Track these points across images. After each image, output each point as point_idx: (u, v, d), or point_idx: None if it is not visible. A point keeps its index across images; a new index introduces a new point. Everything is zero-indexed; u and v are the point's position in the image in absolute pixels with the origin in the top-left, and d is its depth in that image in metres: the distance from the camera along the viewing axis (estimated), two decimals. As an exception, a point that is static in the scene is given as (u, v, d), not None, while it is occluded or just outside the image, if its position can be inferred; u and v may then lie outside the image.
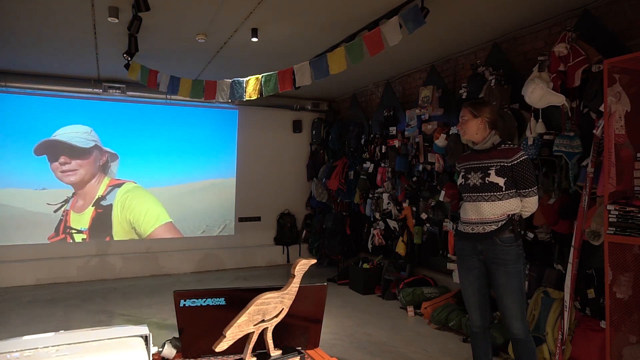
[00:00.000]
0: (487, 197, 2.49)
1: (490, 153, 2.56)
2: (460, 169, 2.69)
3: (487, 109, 2.59)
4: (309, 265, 1.58)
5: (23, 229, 5.96)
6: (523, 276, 2.53)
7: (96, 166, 6.37)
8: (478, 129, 2.58)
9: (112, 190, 6.50)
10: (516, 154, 2.49)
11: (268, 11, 3.64)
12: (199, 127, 6.92)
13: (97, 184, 6.40)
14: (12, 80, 5.58)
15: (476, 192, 2.54)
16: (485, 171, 2.52)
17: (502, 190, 2.47)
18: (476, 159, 2.60)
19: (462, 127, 2.63)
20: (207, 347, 1.49)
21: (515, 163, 2.47)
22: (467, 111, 2.60)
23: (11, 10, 3.64)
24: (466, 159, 2.68)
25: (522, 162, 2.47)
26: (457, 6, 3.55)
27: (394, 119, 5.61)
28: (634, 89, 2.80)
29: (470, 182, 2.57)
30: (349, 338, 3.91)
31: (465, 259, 2.63)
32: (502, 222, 2.48)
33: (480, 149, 2.61)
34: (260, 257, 7.15)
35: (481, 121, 2.57)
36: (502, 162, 2.49)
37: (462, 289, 2.70)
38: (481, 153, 2.59)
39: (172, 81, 4.28)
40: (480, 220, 2.52)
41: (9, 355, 1.26)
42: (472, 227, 2.55)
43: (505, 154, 2.51)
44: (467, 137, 2.64)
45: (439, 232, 4.79)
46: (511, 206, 2.49)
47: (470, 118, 2.59)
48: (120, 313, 4.64)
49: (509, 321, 2.50)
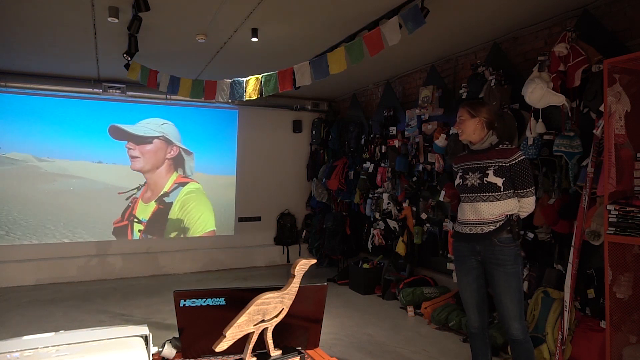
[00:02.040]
0: (485, 198, 2.49)
1: (488, 153, 2.55)
2: (458, 170, 2.68)
3: (484, 109, 2.59)
4: (309, 265, 1.58)
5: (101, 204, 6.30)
6: (521, 276, 2.53)
7: (160, 158, 6.57)
8: (475, 129, 2.58)
9: (177, 188, 6.73)
10: (514, 154, 2.48)
11: (268, 11, 3.64)
12: (199, 127, 6.93)
13: (166, 177, 6.64)
14: (12, 80, 5.58)
15: (474, 193, 2.53)
16: (484, 171, 2.51)
17: (500, 191, 2.47)
18: (474, 159, 2.59)
19: (460, 127, 2.63)
20: (207, 347, 1.49)
21: (514, 163, 2.47)
22: (464, 111, 2.60)
23: (11, 11, 3.64)
24: (464, 159, 2.67)
25: (520, 162, 2.47)
26: (457, 6, 3.55)
27: (394, 119, 5.61)
28: (634, 89, 2.80)
29: (468, 183, 2.57)
30: (349, 338, 3.91)
31: (463, 260, 2.63)
32: (500, 223, 2.47)
33: (478, 149, 2.60)
34: (260, 257, 7.15)
35: (479, 121, 2.57)
36: (501, 162, 2.49)
37: (460, 289, 2.69)
38: (479, 153, 2.59)
39: (172, 81, 4.28)
40: (478, 221, 2.52)
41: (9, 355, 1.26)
42: (470, 228, 2.55)
43: (503, 154, 2.51)
44: (464, 137, 2.64)
45: (439, 232, 4.79)
46: (509, 206, 2.49)
47: (468, 118, 2.59)
48: (120, 313, 4.64)
49: (508, 322, 2.49)
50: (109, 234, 6.38)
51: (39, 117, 6.00)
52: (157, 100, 6.49)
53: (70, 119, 6.18)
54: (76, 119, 6.21)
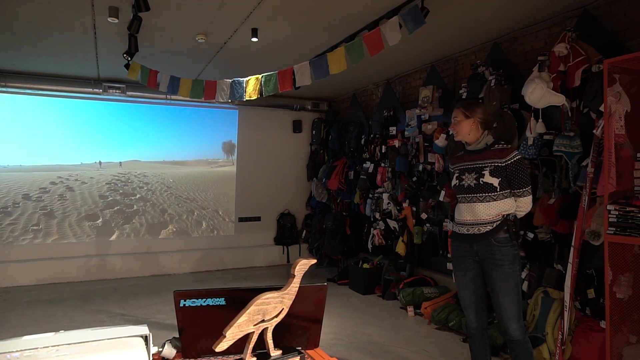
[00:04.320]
0: (482, 198, 2.48)
1: (484, 153, 2.54)
2: (455, 170, 2.67)
3: (479, 110, 2.57)
4: (309, 265, 1.58)
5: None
6: (519, 277, 2.52)
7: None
8: (471, 129, 2.57)
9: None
10: (510, 154, 2.47)
11: (268, 11, 3.63)
12: (199, 127, 6.93)
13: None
14: (12, 80, 5.58)
15: (471, 193, 2.53)
16: (480, 172, 2.50)
17: (497, 191, 2.46)
18: (470, 160, 2.58)
19: (455, 128, 2.62)
20: (207, 347, 1.49)
21: (509, 163, 2.46)
22: (459, 112, 2.59)
23: (11, 10, 3.64)
24: (460, 159, 2.66)
25: (515, 162, 2.46)
26: (457, 6, 3.55)
27: (394, 119, 5.61)
28: (634, 89, 2.80)
29: (465, 183, 2.56)
30: (349, 338, 3.91)
31: (461, 260, 2.63)
32: (497, 223, 2.46)
33: (473, 149, 2.60)
34: (260, 257, 7.15)
35: (474, 122, 2.55)
36: (496, 163, 2.48)
37: (459, 290, 2.69)
38: (475, 154, 2.58)
39: (172, 81, 4.27)
40: (475, 221, 2.51)
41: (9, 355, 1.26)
42: (468, 228, 2.55)
43: (499, 154, 2.50)
44: (459, 137, 2.63)
45: (439, 232, 4.79)
46: (506, 206, 2.48)
47: (463, 119, 2.57)
48: (120, 313, 4.64)
49: (506, 322, 2.49)
50: (109, 234, 6.38)
51: (39, 117, 6.00)
52: (157, 100, 6.49)
53: (70, 119, 6.18)
54: (76, 119, 6.21)
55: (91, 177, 6.37)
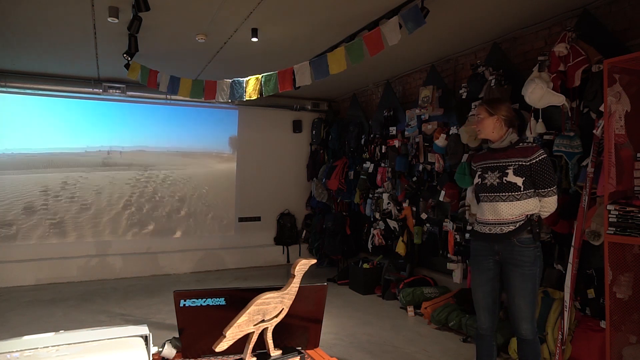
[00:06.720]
0: (505, 197, 2.43)
1: (508, 152, 2.50)
2: (477, 169, 2.63)
3: (503, 107, 2.54)
4: (309, 265, 1.58)
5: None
6: (538, 278, 2.46)
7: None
8: (494, 127, 2.53)
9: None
10: (535, 153, 2.42)
11: (268, 11, 3.63)
12: (199, 127, 6.93)
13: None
14: (12, 80, 5.58)
15: (493, 192, 2.48)
16: (503, 170, 2.46)
17: (521, 190, 2.41)
18: (493, 158, 2.54)
19: (478, 126, 2.59)
20: (207, 347, 1.49)
21: (534, 162, 2.41)
22: (483, 109, 2.56)
23: (11, 10, 3.64)
24: (483, 157, 2.61)
25: (541, 161, 2.41)
26: (457, 6, 3.55)
27: (394, 119, 5.60)
28: (634, 89, 2.80)
29: (488, 182, 2.51)
30: (349, 338, 3.91)
31: (479, 260, 2.58)
32: (520, 223, 2.42)
33: (497, 147, 2.55)
34: (260, 257, 7.15)
35: (497, 119, 2.52)
36: (520, 161, 2.43)
37: (473, 289, 2.63)
38: (499, 152, 2.53)
39: (172, 81, 4.28)
40: (497, 221, 2.46)
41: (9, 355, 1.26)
42: (490, 228, 2.50)
43: (523, 152, 2.45)
44: (483, 135, 2.59)
45: (439, 232, 4.79)
46: (529, 206, 2.43)
47: (487, 116, 2.54)
48: (120, 313, 4.64)
49: (518, 322, 2.45)
50: (109, 234, 6.38)
51: (39, 117, 6.00)
52: (157, 100, 6.49)
53: (70, 119, 6.18)
54: (76, 119, 6.21)
55: (91, 177, 6.36)
